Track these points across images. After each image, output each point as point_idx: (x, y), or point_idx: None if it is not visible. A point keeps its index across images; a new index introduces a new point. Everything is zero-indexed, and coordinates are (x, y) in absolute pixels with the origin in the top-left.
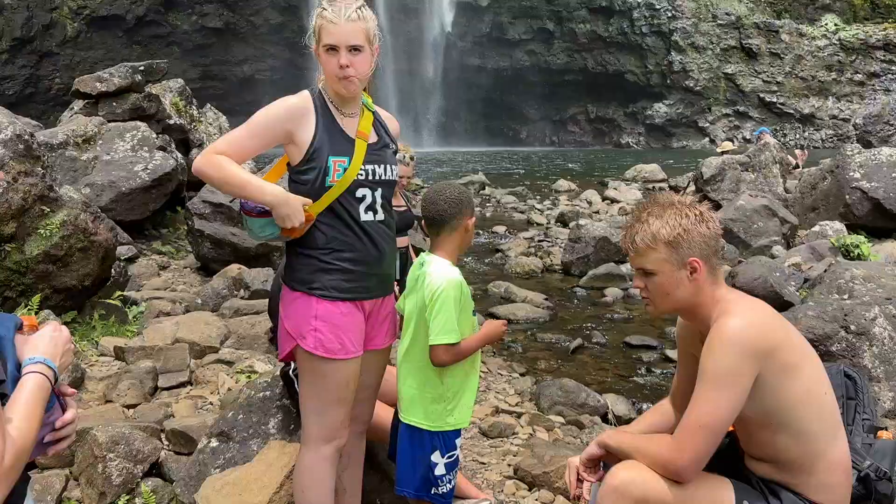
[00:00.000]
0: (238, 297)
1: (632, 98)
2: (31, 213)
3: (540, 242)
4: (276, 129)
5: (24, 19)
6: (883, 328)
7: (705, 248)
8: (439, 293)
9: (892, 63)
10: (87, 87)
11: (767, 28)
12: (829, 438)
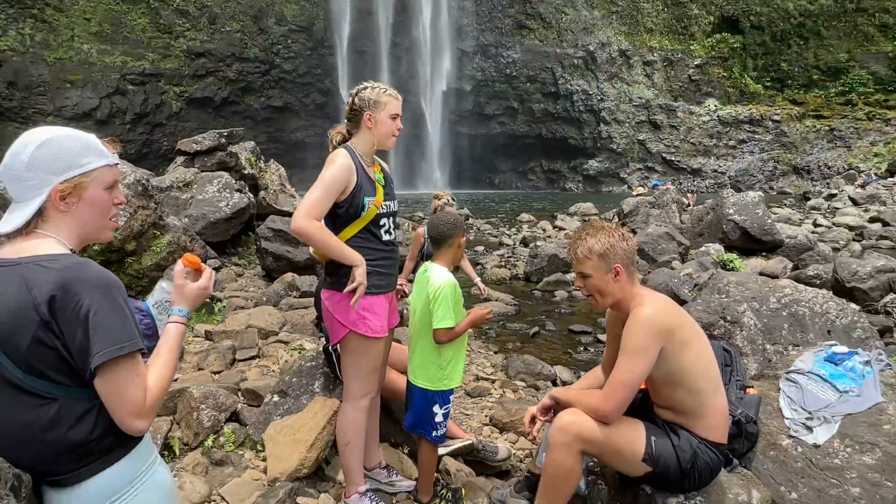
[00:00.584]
0: (292, 296)
1: (573, 156)
2: (147, 236)
3: (508, 258)
4: (341, 186)
5: (141, 100)
6: (749, 318)
7: (625, 258)
8: (440, 291)
9: (755, 133)
10: (187, 147)
11: (667, 108)
12: (713, 393)
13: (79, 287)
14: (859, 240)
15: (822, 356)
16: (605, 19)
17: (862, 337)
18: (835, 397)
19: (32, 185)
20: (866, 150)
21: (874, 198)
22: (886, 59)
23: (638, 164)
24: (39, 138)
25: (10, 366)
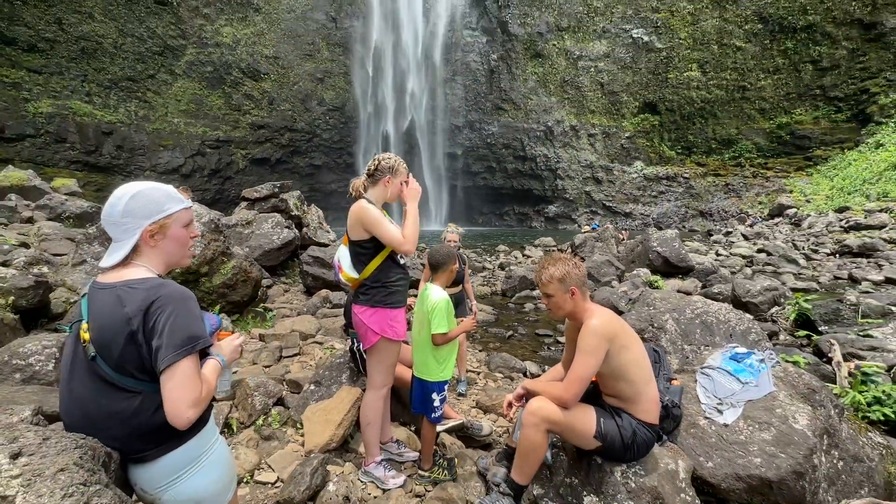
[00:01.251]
0: (326, 307)
1: (537, 202)
2: (216, 262)
3: (489, 279)
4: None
5: (216, 160)
6: (671, 325)
7: (579, 281)
8: (437, 305)
9: (671, 186)
10: (249, 195)
11: (606, 168)
12: (647, 385)
13: (160, 301)
14: (750, 265)
15: (727, 355)
16: (560, 103)
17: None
18: (738, 387)
19: (127, 228)
20: (753, 199)
21: (760, 234)
22: (764, 134)
23: (585, 209)
24: (131, 191)
25: (105, 367)
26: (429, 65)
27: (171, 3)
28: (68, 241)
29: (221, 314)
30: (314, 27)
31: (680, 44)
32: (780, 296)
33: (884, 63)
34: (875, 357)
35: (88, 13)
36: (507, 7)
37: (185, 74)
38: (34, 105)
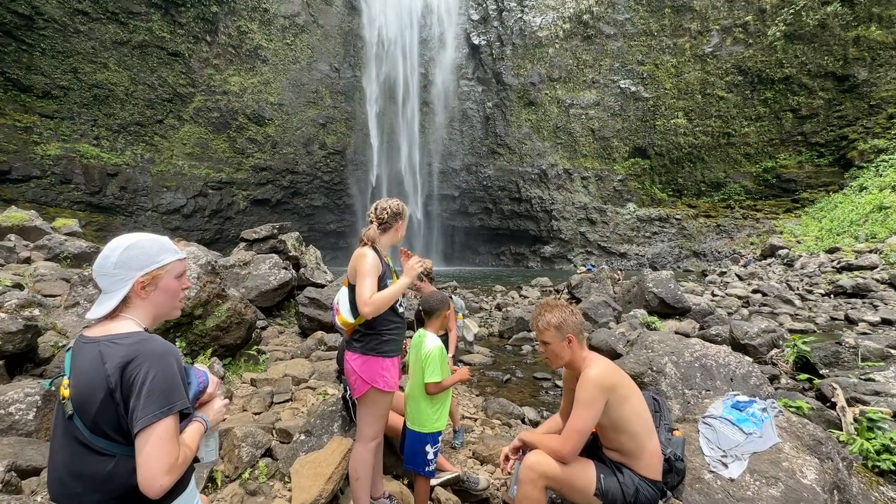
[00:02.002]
0: (320, 350)
1: (533, 243)
2: (211, 304)
3: (486, 319)
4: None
5: (218, 200)
6: (671, 368)
7: (576, 329)
8: (430, 354)
9: (664, 227)
10: (248, 236)
11: (600, 209)
12: (648, 437)
13: (140, 358)
14: (746, 306)
15: (728, 403)
16: (553, 148)
17: (756, 383)
18: (742, 438)
19: (119, 279)
20: (745, 239)
21: (754, 275)
22: (751, 177)
23: (580, 249)
24: (126, 243)
25: (81, 427)
26: (427, 111)
27: (183, 54)
28: (63, 282)
29: (213, 358)
30: (318, 76)
31: (665, 93)
32: (778, 338)
33: (859, 112)
34: (879, 402)
35: (104, 63)
36: (502, 59)
37: (192, 120)
38: (43, 148)
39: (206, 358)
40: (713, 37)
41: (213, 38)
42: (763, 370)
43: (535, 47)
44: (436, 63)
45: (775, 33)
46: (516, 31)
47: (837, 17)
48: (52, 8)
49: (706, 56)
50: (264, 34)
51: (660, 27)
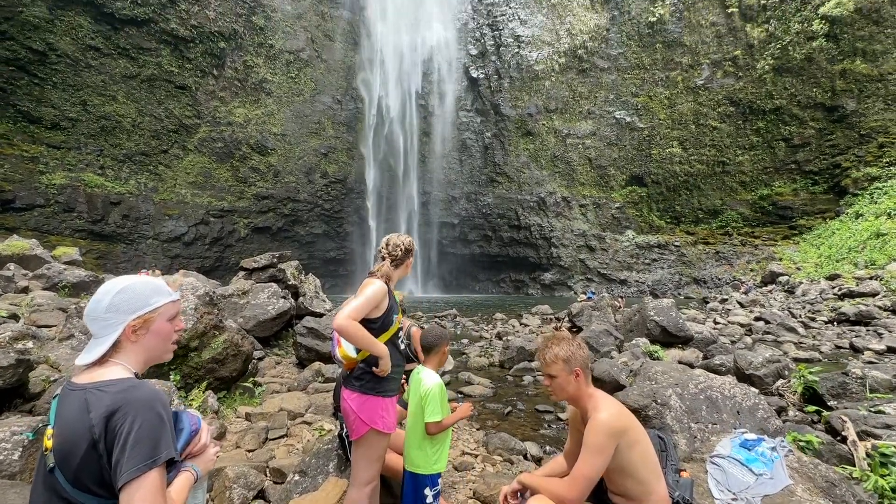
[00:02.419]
0: (318, 381)
1: (533, 270)
2: (207, 335)
3: (487, 349)
4: (376, 303)
5: (219, 228)
6: (675, 401)
7: (583, 362)
8: (430, 391)
9: (663, 254)
10: (248, 265)
11: (599, 237)
12: (656, 482)
13: (126, 407)
14: (749, 334)
15: (736, 442)
16: (551, 176)
17: (764, 416)
18: (752, 480)
19: (110, 323)
20: (744, 266)
21: (755, 302)
22: (748, 204)
23: (580, 276)
24: (118, 286)
25: (61, 480)
26: (427, 141)
27: (190, 87)
28: (60, 312)
29: (207, 392)
30: (321, 108)
31: (660, 123)
32: (783, 368)
33: (850, 141)
34: (891, 435)
35: (112, 96)
36: (500, 91)
37: (196, 149)
38: (48, 177)
39: (200, 391)
40: (704, 70)
41: (220, 72)
42: (770, 402)
43: (531, 80)
44: (435, 95)
45: (764, 67)
46: (513, 65)
47: (823, 52)
48: (66, 44)
49: (698, 88)
50: (269, 68)
51: (652, 61)
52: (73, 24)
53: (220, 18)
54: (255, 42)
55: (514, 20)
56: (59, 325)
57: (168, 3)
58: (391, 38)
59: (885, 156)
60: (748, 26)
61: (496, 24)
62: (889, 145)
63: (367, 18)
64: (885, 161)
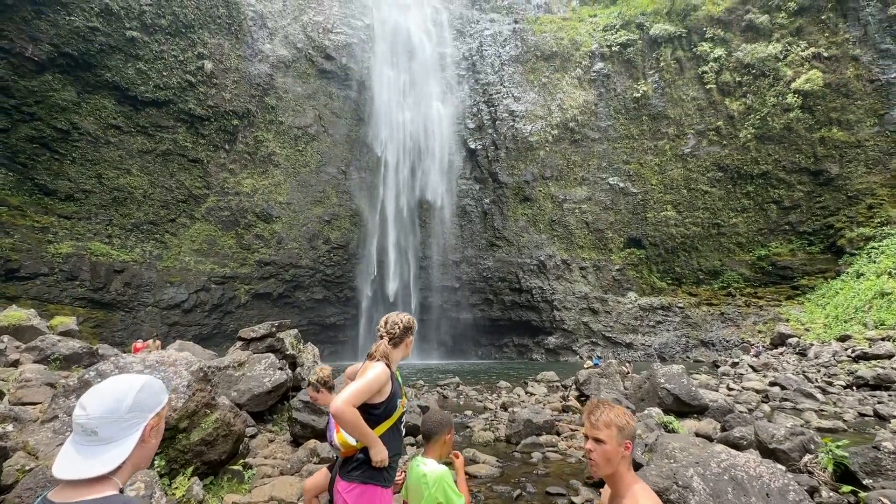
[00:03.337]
0: (312, 462)
1: (536, 334)
2: (198, 415)
3: (491, 421)
4: (377, 388)
5: (219, 295)
6: (698, 483)
7: (633, 438)
8: (439, 479)
9: (667, 316)
10: (245, 335)
11: (601, 299)
12: None
13: None
14: (766, 401)
15: None
16: (550, 240)
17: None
18: None
19: (131, 424)
20: (751, 328)
21: (768, 365)
22: (747, 265)
23: (585, 340)
24: (138, 383)
25: None
26: (427, 208)
27: (202, 160)
28: (47, 388)
29: (193, 478)
30: (325, 178)
31: (652, 188)
32: (808, 440)
33: (839, 203)
34: None
35: (127, 169)
36: (497, 161)
37: (203, 218)
38: (55, 246)
39: (185, 478)
40: (690, 139)
41: (232, 146)
42: (799, 481)
43: (527, 150)
44: (435, 166)
45: (746, 135)
46: (509, 137)
47: (801, 122)
48: (89, 123)
49: (686, 155)
50: (279, 142)
51: (640, 132)
52: (97, 106)
53: (234, 99)
54: (267, 119)
55: (508, 97)
56: (44, 401)
57: (188, 87)
58: (394, 114)
59: (875, 216)
60: (727, 100)
61: (492, 100)
62: (878, 206)
63: (371, 97)
64: (876, 221)
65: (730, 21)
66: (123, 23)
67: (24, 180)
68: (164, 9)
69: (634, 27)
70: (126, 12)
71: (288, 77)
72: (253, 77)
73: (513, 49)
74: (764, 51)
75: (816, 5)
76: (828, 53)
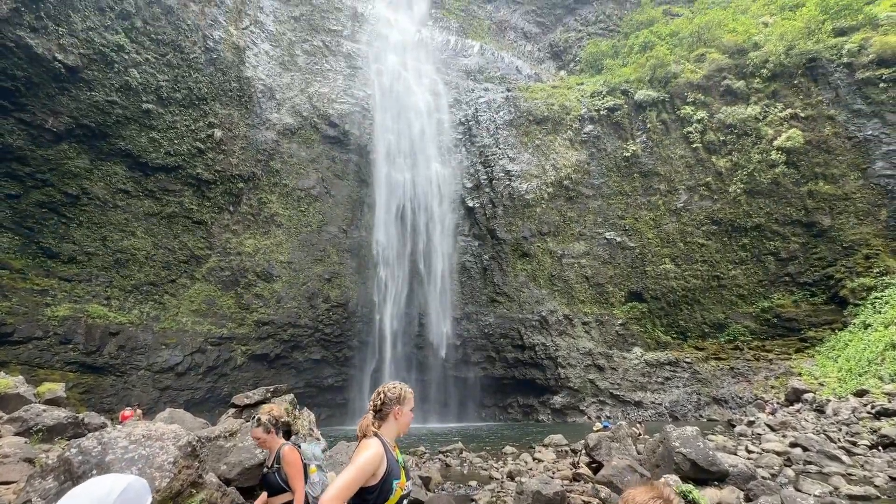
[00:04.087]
0: None
1: (541, 393)
2: (183, 495)
3: (498, 493)
4: (371, 471)
5: (215, 357)
6: None
7: None
8: None
9: (676, 372)
10: (238, 401)
11: (606, 355)
12: None
13: None
14: (788, 464)
15: None
16: (551, 295)
17: None
18: None
19: None
20: (763, 382)
21: (786, 424)
22: (751, 317)
23: (592, 399)
24: (120, 485)
25: None
26: (427, 265)
27: (207, 222)
28: (25, 464)
29: None
30: (327, 237)
31: (649, 242)
32: None
33: (836, 254)
34: None
35: (132, 231)
36: (494, 218)
37: (203, 279)
38: (52, 309)
39: None
40: (681, 194)
41: (236, 208)
42: None
43: (523, 207)
44: (435, 223)
45: (736, 190)
46: (506, 195)
47: (787, 176)
48: (99, 189)
49: (679, 210)
50: (282, 204)
51: (632, 188)
52: (109, 172)
53: (241, 164)
54: (271, 182)
55: (503, 158)
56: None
57: (197, 153)
58: (395, 175)
59: (873, 266)
60: (713, 157)
61: (488, 161)
62: (874, 256)
63: (373, 160)
64: (875, 272)
65: (708, 86)
66: (140, 96)
67: (30, 244)
68: (179, 83)
69: (620, 93)
70: (144, 87)
71: (293, 143)
72: (260, 143)
73: (507, 114)
74: (743, 112)
75: (788, 71)
76: (804, 114)
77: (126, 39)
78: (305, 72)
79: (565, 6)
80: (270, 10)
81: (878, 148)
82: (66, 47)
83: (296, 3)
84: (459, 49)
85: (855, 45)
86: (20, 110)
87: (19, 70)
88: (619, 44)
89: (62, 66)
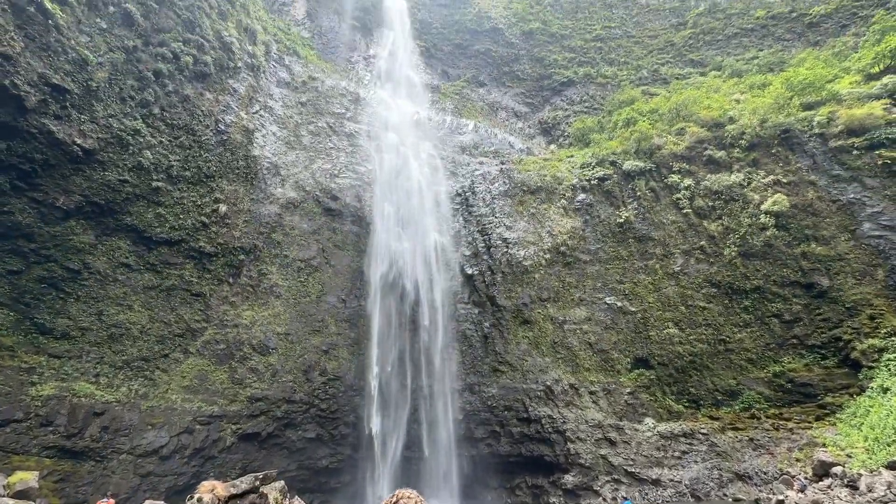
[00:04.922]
0: None
1: (551, 471)
2: None
3: None
4: None
5: (202, 437)
6: None
7: None
8: None
9: (692, 444)
10: (224, 491)
11: (616, 427)
12: None
13: None
14: None
15: None
16: (554, 363)
17: None
18: None
19: None
20: (786, 455)
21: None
22: (764, 383)
23: (606, 477)
24: None
25: None
26: (428, 333)
27: (205, 294)
28: None
29: None
30: (326, 307)
31: (650, 306)
32: None
33: (840, 315)
34: None
35: (129, 305)
36: (494, 285)
37: (197, 353)
38: (37, 389)
39: None
40: (677, 258)
41: (236, 279)
42: None
43: (522, 274)
44: (434, 292)
45: (730, 253)
46: (504, 262)
47: (779, 238)
48: (102, 263)
49: (677, 273)
50: (281, 275)
51: (628, 253)
52: (113, 247)
53: (243, 237)
54: (272, 253)
55: (500, 226)
56: None
57: (201, 227)
58: (394, 244)
59: (880, 327)
60: (704, 222)
61: (485, 230)
62: (879, 316)
63: (373, 231)
64: (883, 332)
65: (692, 156)
66: (151, 175)
67: (24, 320)
68: (189, 163)
69: (608, 164)
70: (156, 167)
71: (295, 216)
72: (263, 217)
73: (501, 185)
74: (728, 179)
75: (765, 142)
76: (786, 180)
77: (143, 124)
78: (310, 150)
79: (552, 88)
80: (279, 97)
81: (863, 210)
82: (86, 133)
83: (303, 90)
84: (455, 127)
85: (824, 118)
86: (33, 190)
87: (38, 153)
88: (604, 120)
89: (80, 150)
